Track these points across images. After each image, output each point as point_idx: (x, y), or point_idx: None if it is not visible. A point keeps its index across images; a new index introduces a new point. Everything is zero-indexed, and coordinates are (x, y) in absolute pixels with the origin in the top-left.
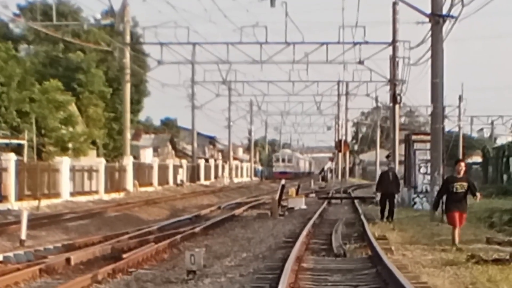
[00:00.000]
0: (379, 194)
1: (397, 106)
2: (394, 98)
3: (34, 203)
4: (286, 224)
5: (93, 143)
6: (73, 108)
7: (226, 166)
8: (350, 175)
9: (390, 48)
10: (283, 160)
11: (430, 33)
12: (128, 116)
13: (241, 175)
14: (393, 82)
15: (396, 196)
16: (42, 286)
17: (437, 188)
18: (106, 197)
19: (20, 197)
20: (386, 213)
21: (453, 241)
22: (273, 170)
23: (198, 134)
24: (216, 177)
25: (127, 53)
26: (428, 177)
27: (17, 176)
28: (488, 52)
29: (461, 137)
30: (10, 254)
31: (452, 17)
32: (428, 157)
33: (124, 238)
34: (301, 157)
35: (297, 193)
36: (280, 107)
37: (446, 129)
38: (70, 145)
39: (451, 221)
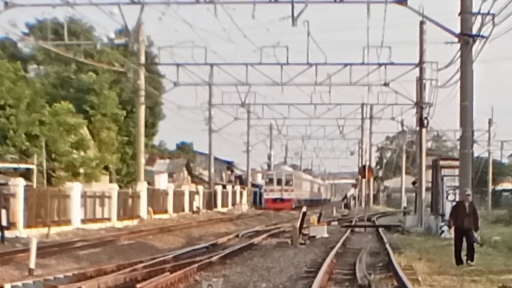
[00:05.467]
0: (451, 231)
1: (423, 130)
2: (420, 122)
3: (44, 230)
4: (308, 253)
5: (106, 168)
6: (84, 131)
7: (244, 193)
8: (374, 202)
9: (417, 69)
10: (279, 182)
11: (459, 53)
12: (142, 140)
13: None
14: (419, 105)
15: (475, 234)
16: None
17: None
18: (119, 224)
19: (29, 224)
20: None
21: None
22: (264, 196)
23: (215, 159)
24: (233, 204)
25: (142, 74)
26: None
27: (26, 202)
28: None
29: (491, 162)
30: (19, 283)
31: (483, 37)
32: (457, 184)
33: (138, 267)
34: (309, 179)
35: (318, 221)
36: (301, 131)
37: (475, 154)
38: (81, 170)
39: None
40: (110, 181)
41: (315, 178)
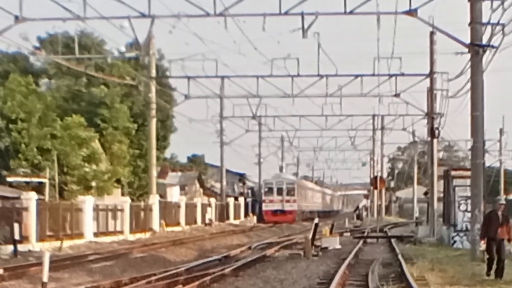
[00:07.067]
0: (483, 243)
1: (435, 141)
2: (432, 132)
3: (56, 244)
4: (320, 264)
5: (118, 181)
6: (96, 144)
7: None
8: (386, 213)
9: (428, 80)
10: (280, 192)
11: (469, 63)
12: (154, 153)
13: None
14: (430, 115)
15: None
16: None
17: (478, 226)
18: (131, 237)
19: (41, 237)
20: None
21: None
22: (263, 207)
23: (227, 171)
24: (246, 216)
25: (153, 87)
26: (468, 214)
27: (39, 216)
28: None
29: (503, 172)
30: None
31: (493, 47)
32: (468, 194)
33: (151, 280)
34: (316, 188)
35: (331, 232)
36: (312, 143)
37: (487, 164)
38: (93, 183)
39: None
40: (122, 194)
41: (325, 188)
